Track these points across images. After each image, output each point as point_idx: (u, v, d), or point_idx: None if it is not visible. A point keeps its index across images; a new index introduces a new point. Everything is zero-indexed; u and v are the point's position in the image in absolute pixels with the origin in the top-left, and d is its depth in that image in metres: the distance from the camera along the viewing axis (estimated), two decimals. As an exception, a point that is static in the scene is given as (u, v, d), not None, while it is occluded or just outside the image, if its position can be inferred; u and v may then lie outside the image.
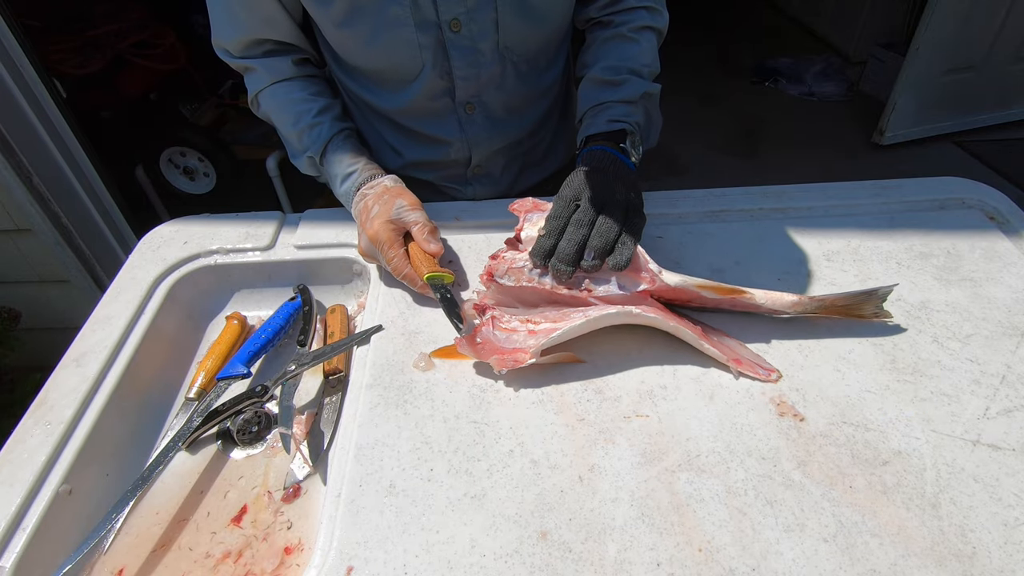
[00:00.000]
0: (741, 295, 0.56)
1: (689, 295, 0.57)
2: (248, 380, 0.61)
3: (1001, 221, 0.69)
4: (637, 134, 0.68)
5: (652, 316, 0.54)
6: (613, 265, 0.54)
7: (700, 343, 0.54)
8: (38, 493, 0.49)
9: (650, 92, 0.71)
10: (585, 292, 0.55)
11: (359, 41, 0.67)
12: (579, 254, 0.55)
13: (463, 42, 0.67)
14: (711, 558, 0.42)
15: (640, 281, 0.55)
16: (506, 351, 0.54)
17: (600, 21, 0.74)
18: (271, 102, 0.71)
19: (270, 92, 0.71)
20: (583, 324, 0.53)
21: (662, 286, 0.55)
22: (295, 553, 0.49)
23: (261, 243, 0.71)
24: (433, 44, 0.66)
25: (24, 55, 1.36)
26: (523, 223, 0.61)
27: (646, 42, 0.72)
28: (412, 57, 0.67)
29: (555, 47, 0.75)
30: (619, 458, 0.48)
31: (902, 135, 2.52)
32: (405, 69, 0.69)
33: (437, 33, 0.66)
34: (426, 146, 0.77)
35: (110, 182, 1.63)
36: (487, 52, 0.68)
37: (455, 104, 0.72)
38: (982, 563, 0.41)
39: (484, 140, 0.77)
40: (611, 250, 0.55)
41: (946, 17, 2.18)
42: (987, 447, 0.47)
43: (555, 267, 0.55)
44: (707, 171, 2.52)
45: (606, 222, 0.56)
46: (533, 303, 0.58)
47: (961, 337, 0.56)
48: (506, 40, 0.68)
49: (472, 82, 0.70)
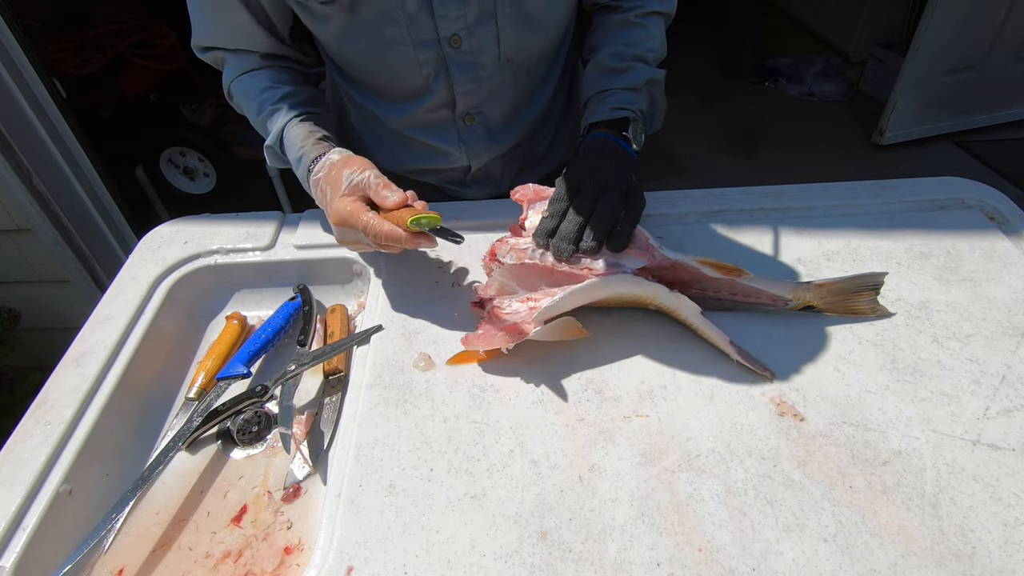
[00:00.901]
0: (741, 274, 0.57)
1: (689, 273, 0.57)
2: (248, 380, 0.61)
3: (1001, 221, 0.69)
4: (640, 121, 0.69)
5: (652, 284, 0.54)
6: (611, 248, 0.55)
7: (701, 320, 0.55)
8: (38, 493, 0.49)
9: (655, 78, 0.71)
10: (585, 270, 0.56)
11: (358, 56, 0.67)
12: (580, 234, 0.56)
13: (464, 57, 0.66)
14: (711, 558, 0.42)
15: (640, 258, 0.56)
16: (509, 326, 0.54)
17: (608, 5, 0.73)
18: (239, 92, 0.69)
19: (239, 82, 0.69)
20: (582, 288, 0.54)
21: (663, 260, 0.56)
22: (295, 553, 0.49)
23: (261, 243, 0.71)
24: (434, 60, 0.66)
25: (24, 55, 1.36)
26: (527, 211, 0.62)
27: (653, 27, 0.72)
28: (412, 74, 0.67)
29: (554, 53, 0.75)
30: (619, 458, 0.48)
31: (902, 135, 2.52)
32: (406, 85, 0.69)
33: (437, 50, 0.65)
34: (426, 154, 0.77)
35: (110, 182, 1.63)
36: (488, 65, 0.68)
37: (455, 116, 0.72)
38: (982, 563, 0.41)
39: (483, 149, 0.77)
40: (610, 233, 0.56)
41: (946, 17, 2.18)
42: (987, 447, 0.47)
43: (556, 245, 0.56)
44: (707, 171, 2.52)
45: (606, 205, 0.57)
46: (534, 286, 0.58)
47: (961, 337, 0.56)
48: (507, 52, 0.67)
49: (472, 95, 0.70)
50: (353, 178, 0.58)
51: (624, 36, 0.71)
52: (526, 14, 0.65)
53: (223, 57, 0.69)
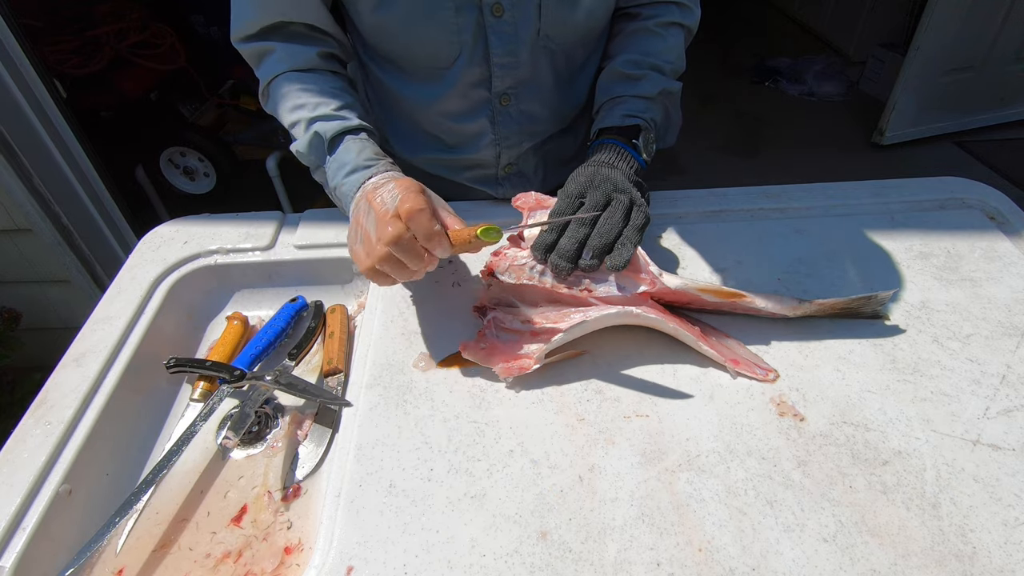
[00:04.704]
0: (741, 299, 0.56)
1: (689, 298, 0.57)
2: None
3: (1001, 221, 0.69)
4: (652, 131, 0.67)
5: (653, 317, 0.54)
6: (611, 266, 0.54)
7: (699, 345, 0.54)
8: (38, 493, 0.49)
9: (670, 90, 0.70)
10: (585, 292, 0.55)
11: (394, 26, 0.64)
12: (579, 252, 0.55)
13: (504, 28, 0.64)
14: (711, 558, 0.42)
15: (640, 283, 0.55)
16: (510, 357, 0.54)
17: (628, 12, 0.72)
18: (287, 87, 0.63)
19: (286, 78, 0.63)
20: (583, 325, 0.53)
21: (662, 288, 0.55)
22: (295, 553, 0.49)
23: (261, 243, 0.71)
24: (473, 28, 0.63)
25: (24, 55, 1.36)
26: (527, 220, 0.61)
27: (672, 39, 0.71)
28: (449, 42, 0.64)
29: (594, 41, 0.73)
30: (619, 458, 0.48)
31: (902, 135, 2.52)
32: (441, 55, 0.66)
33: (477, 16, 0.63)
34: (456, 143, 0.75)
35: (110, 182, 1.63)
36: (527, 41, 0.66)
37: (491, 95, 0.70)
38: (982, 563, 0.41)
39: (515, 136, 0.74)
40: (610, 250, 0.54)
41: (946, 17, 2.18)
42: (987, 447, 0.47)
43: (554, 263, 0.55)
44: (707, 171, 2.52)
45: (608, 221, 0.55)
46: (533, 301, 0.58)
47: (961, 337, 0.56)
48: (547, 28, 0.65)
49: (510, 72, 0.68)
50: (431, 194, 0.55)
51: (641, 45, 0.70)
52: None
53: (271, 48, 0.64)
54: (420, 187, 0.53)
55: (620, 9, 0.73)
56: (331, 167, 0.61)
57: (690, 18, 0.73)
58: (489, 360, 0.54)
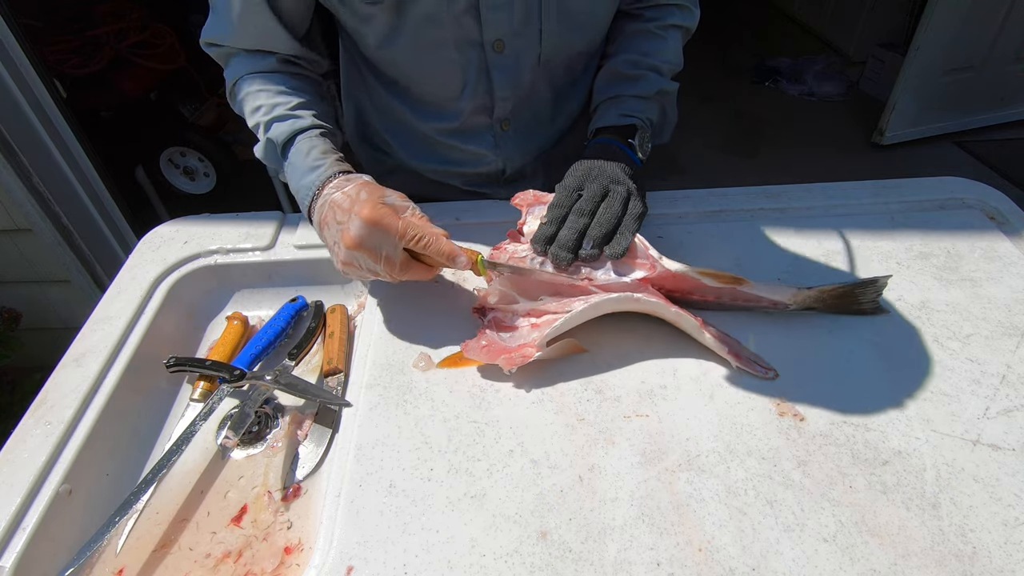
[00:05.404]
0: (741, 283, 0.56)
1: (690, 283, 0.57)
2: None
3: (1001, 221, 0.69)
4: (647, 131, 0.68)
5: (654, 301, 0.54)
6: (610, 254, 0.55)
7: (700, 333, 0.54)
8: (38, 493, 0.49)
9: (667, 89, 0.71)
10: (585, 280, 0.56)
11: (400, 60, 0.66)
12: (579, 242, 0.55)
13: (506, 62, 0.65)
14: (711, 558, 0.42)
15: (640, 268, 0.56)
16: (512, 349, 0.54)
17: (629, 13, 0.73)
18: (247, 88, 0.65)
19: (248, 79, 0.65)
20: (584, 310, 0.54)
21: (663, 272, 0.56)
22: (295, 553, 0.49)
23: (261, 243, 0.71)
24: (476, 63, 0.65)
25: (24, 55, 1.36)
26: (526, 216, 0.62)
27: (672, 40, 0.72)
28: (453, 78, 0.66)
29: (593, 53, 0.74)
30: (619, 458, 0.48)
31: (902, 135, 2.52)
32: (446, 88, 0.68)
33: (480, 53, 0.64)
34: (459, 159, 0.76)
35: (110, 182, 1.63)
36: (528, 67, 0.67)
37: (492, 121, 0.71)
38: (982, 563, 0.41)
39: (517, 153, 0.75)
40: (610, 240, 0.55)
41: (946, 17, 2.18)
42: (987, 447, 0.47)
43: (555, 254, 0.55)
44: (707, 171, 2.53)
45: (606, 212, 0.56)
46: (534, 295, 0.58)
47: (961, 337, 0.56)
48: (548, 53, 0.66)
49: (511, 100, 0.69)
50: (394, 200, 0.55)
51: (641, 45, 0.71)
52: (569, 13, 0.64)
53: (232, 53, 0.66)
54: (381, 199, 0.54)
55: (622, 9, 0.73)
56: (288, 171, 0.63)
57: (690, 20, 0.73)
58: (491, 358, 0.54)
